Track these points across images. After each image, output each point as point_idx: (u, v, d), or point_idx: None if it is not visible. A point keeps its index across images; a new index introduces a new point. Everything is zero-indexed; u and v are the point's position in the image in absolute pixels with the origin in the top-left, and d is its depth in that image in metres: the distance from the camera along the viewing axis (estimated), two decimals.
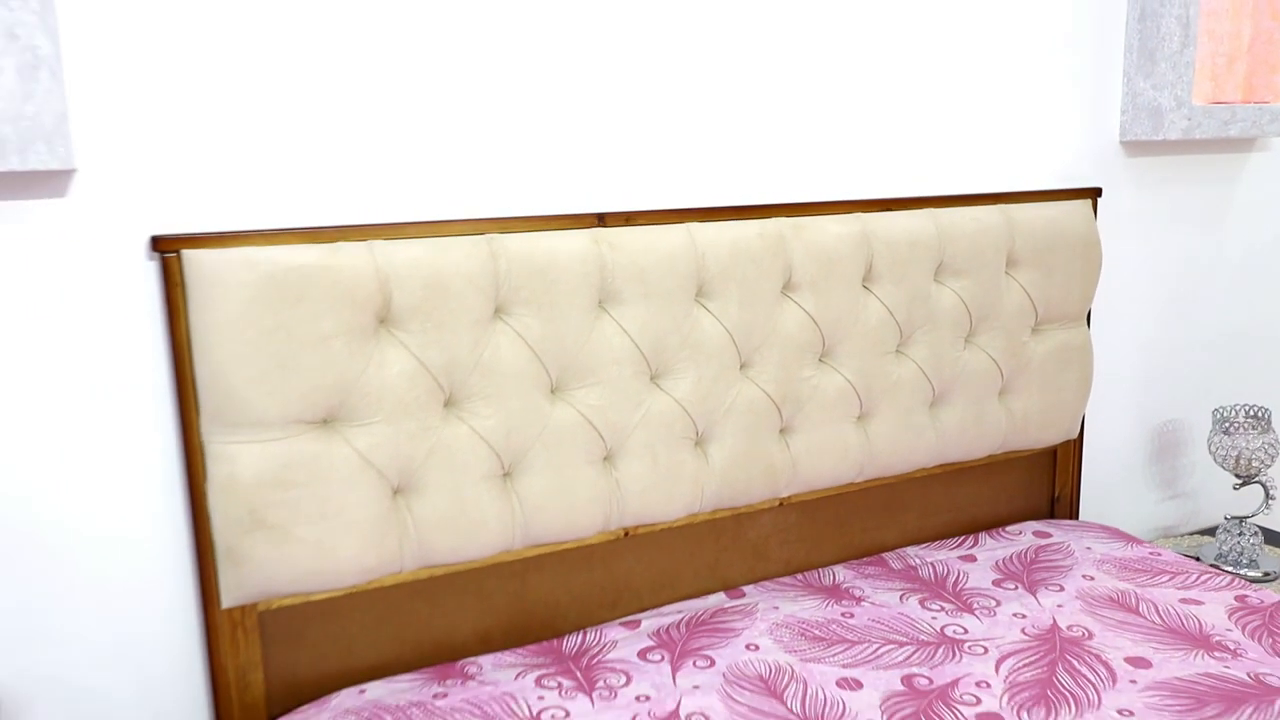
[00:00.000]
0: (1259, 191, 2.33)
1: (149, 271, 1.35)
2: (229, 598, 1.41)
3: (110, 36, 1.28)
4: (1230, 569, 2.09)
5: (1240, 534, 2.11)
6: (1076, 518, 2.19)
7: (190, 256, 1.32)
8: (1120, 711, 1.43)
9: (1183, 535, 2.32)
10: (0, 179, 1.25)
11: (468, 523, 1.52)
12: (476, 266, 1.48)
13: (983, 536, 2.01)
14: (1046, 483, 2.15)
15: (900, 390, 1.86)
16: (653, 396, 1.64)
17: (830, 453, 1.81)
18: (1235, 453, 2.09)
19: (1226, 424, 2.11)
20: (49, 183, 1.28)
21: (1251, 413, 2.11)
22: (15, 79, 1.14)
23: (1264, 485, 2.12)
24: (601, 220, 1.58)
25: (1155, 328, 2.26)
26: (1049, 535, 2.01)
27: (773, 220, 1.70)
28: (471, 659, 1.57)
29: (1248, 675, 1.52)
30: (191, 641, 1.45)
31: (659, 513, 1.68)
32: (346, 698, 1.46)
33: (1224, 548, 2.13)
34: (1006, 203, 1.94)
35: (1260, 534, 2.13)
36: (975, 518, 2.07)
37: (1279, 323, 2.45)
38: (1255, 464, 2.09)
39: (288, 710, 1.47)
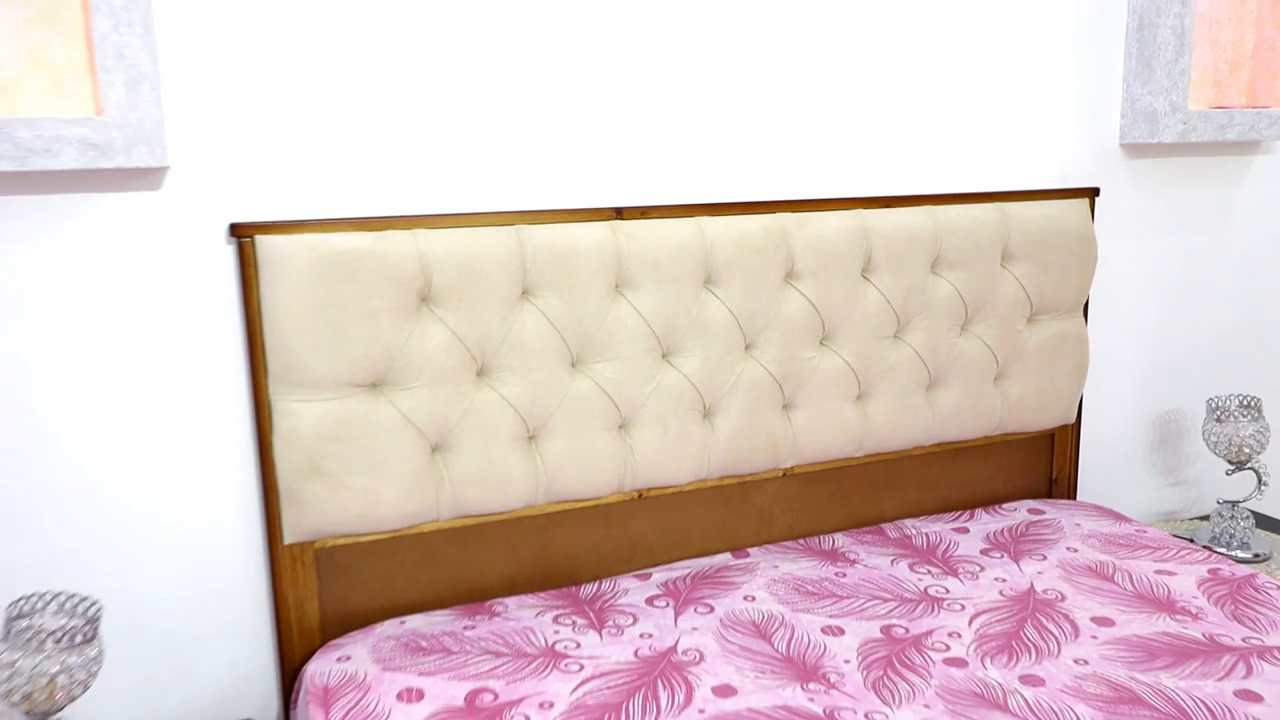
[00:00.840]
0: (1261, 192, 2.43)
1: (227, 253, 1.59)
2: (290, 535, 1.64)
3: (198, 57, 1.52)
4: (1222, 550, 2.19)
5: (1233, 517, 2.21)
6: (1074, 499, 2.31)
7: (262, 241, 1.55)
8: (1076, 660, 1.58)
9: (1183, 520, 2.43)
10: (109, 174, 1.49)
11: (496, 478, 1.73)
12: (506, 253, 1.68)
13: (979, 512, 2.16)
14: (1045, 465, 2.28)
15: (897, 373, 2.02)
16: (663, 372, 1.83)
17: (829, 428, 1.97)
18: (1228, 440, 2.20)
19: (1220, 412, 2.22)
20: (147, 178, 1.52)
21: (1244, 402, 2.21)
22: (123, 92, 1.38)
23: (1256, 471, 2.22)
24: (619, 213, 1.77)
25: (1155, 322, 2.38)
26: (1042, 512, 2.14)
27: (777, 215, 1.88)
28: (499, 599, 1.77)
29: (1203, 635, 1.65)
30: (258, 572, 1.68)
31: (669, 477, 1.86)
32: (389, 627, 1.68)
33: (1217, 530, 2.23)
34: (1005, 201, 2.08)
35: (1252, 518, 2.23)
36: (974, 495, 2.21)
37: (1273, 317, 2.54)
38: (1247, 450, 2.19)
39: (338, 635, 1.70)
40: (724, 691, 1.49)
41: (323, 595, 1.69)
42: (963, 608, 1.74)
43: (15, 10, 1.35)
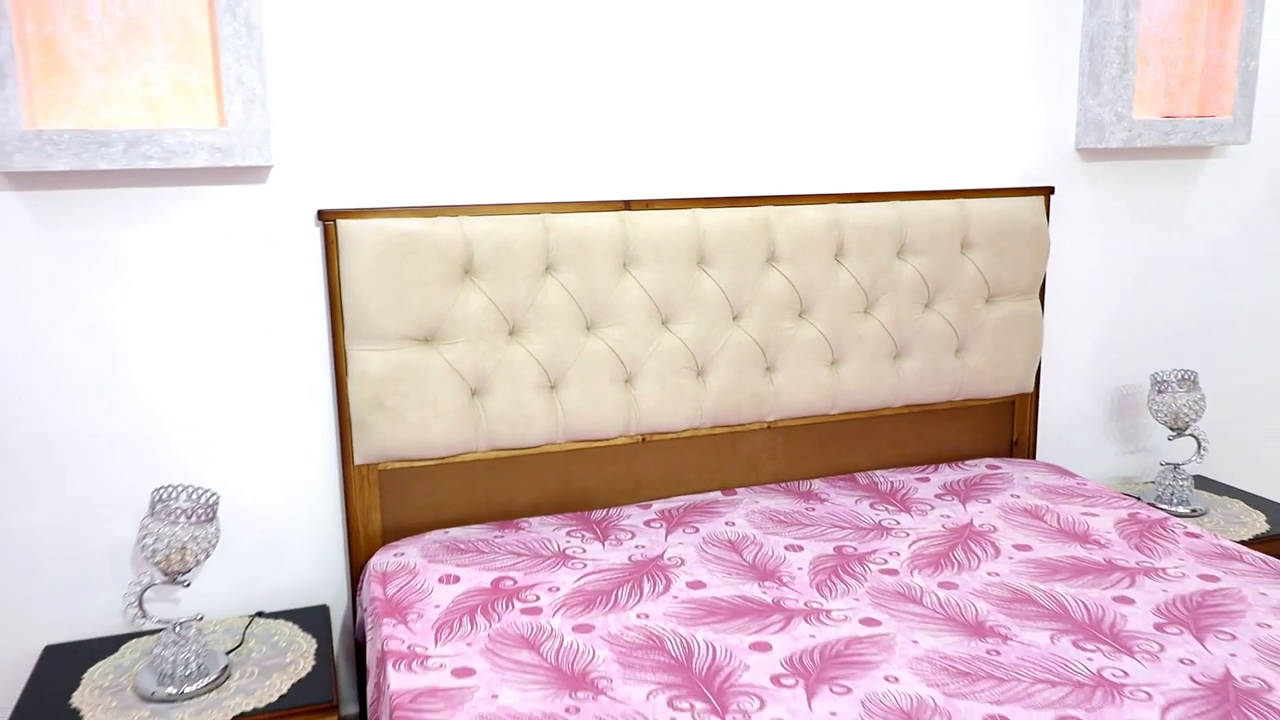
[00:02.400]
0: (1211, 192, 2.71)
1: (315, 233, 2.02)
2: (360, 457, 2.06)
3: (297, 83, 1.95)
4: (1165, 507, 2.49)
5: (1174, 478, 2.51)
6: (1033, 460, 2.62)
7: (342, 224, 1.97)
8: (989, 573, 1.91)
9: (1138, 484, 2.72)
10: (229, 171, 1.93)
11: (523, 419, 2.12)
12: (533, 236, 2.08)
13: (943, 466, 2.49)
14: (1006, 428, 2.60)
15: (866, 343, 2.36)
16: (662, 336, 2.21)
17: (805, 388, 2.33)
18: (1168, 408, 2.50)
19: (1161, 384, 2.51)
20: (256, 174, 1.96)
21: (1182, 375, 2.50)
22: (241, 108, 1.82)
23: (1196, 437, 2.51)
24: (627, 205, 2.16)
25: (1109, 306, 2.68)
26: (999, 468, 2.47)
27: (761, 207, 2.24)
28: (524, 519, 2.17)
29: (1103, 559, 1.97)
30: (333, 487, 2.11)
31: (666, 423, 2.24)
32: (435, 535, 2.09)
33: (1161, 489, 2.53)
34: (966, 198, 2.40)
35: (1192, 479, 2.52)
36: (940, 452, 2.54)
37: (1215, 302, 2.81)
38: (1184, 418, 2.49)
39: (394, 540, 2.12)
40: (696, 585, 1.87)
41: (384, 508, 2.10)
42: (907, 535, 2.09)
43: (163, 47, 1.80)
